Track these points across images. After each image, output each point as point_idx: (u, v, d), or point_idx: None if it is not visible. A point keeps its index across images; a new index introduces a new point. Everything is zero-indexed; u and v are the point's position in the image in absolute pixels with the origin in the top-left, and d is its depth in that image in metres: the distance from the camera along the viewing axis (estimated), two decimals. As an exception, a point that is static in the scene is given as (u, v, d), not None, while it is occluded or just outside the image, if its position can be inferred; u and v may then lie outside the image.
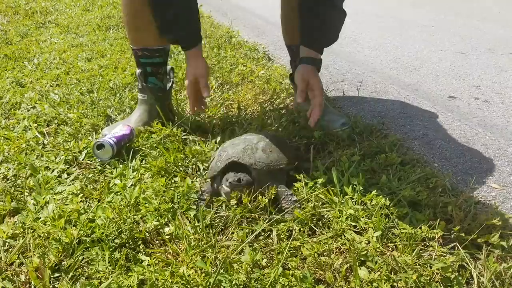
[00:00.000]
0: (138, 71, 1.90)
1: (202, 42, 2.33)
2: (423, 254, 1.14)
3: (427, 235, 1.18)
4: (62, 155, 1.66)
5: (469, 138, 1.86)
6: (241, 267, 1.09)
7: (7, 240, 1.24)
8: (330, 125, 1.84)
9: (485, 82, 2.53)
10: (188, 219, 1.30)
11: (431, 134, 1.90)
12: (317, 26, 1.67)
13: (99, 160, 1.64)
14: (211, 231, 1.24)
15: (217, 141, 1.72)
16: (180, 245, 1.21)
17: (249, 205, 1.29)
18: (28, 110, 2.08)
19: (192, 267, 1.11)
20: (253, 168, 1.36)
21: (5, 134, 1.83)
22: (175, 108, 2.04)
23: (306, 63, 1.67)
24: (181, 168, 1.58)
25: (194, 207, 1.35)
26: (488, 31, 3.73)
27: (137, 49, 1.86)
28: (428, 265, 1.09)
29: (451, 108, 2.18)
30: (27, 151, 1.72)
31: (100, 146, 1.62)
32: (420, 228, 1.20)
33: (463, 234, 1.19)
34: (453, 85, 2.49)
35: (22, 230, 1.28)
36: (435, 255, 1.13)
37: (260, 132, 1.62)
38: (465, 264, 1.11)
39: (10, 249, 1.20)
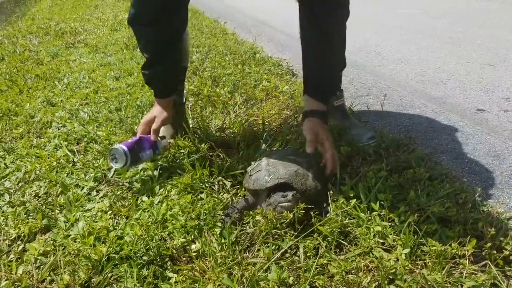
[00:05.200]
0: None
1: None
2: (453, 272, 1.12)
3: (457, 252, 1.16)
4: (91, 173, 1.70)
5: (498, 151, 1.83)
6: (268, 285, 1.09)
7: (39, 257, 1.27)
8: (357, 139, 1.84)
9: (514, 94, 2.48)
10: (214, 236, 1.31)
11: (460, 148, 1.87)
12: (321, 76, 1.67)
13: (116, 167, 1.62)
14: (237, 248, 1.25)
15: (242, 156, 1.73)
16: (207, 262, 1.21)
17: (274, 221, 1.29)
18: (58, 129, 2.14)
19: (218, 285, 1.11)
20: (303, 194, 1.37)
21: (37, 153, 1.89)
22: (200, 124, 2.07)
23: (312, 116, 1.65)
24: (207, 185, 1.59)
25: (220, 224, 1.36)
26: (517, 42, 3.67)
27: None
28: (458, 283, 1.07)
29: (479, 121, 2.14)
30: (58, 169, 1.76)
31: (114, 157, 1.61)
32: (450, 245, 1.18)
33: (494, 251, 1.16)
34: (481, 98, 2.45)
35: (53, 247, 1.30)
36: (466, 273, 1.11)
37: (302, 153, 1.61)
38: (497, 283, 1.08)
39: (42, 266, 1.23)
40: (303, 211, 1.28)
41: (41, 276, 1.19)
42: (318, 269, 1.16)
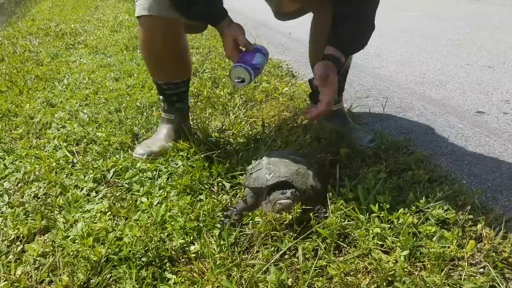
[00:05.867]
0: (161, 97, 1.93)
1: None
2: (452, 274, 1.12)
3: (456, 254, 1.16)
4: (91, 174, 1.69)
5: (498, 154, 1.83)
6: (267, 287, 1.09)
7: (38, 258, 1.27)
8: (357, 142, 1.84)
9: (514, 96, 2.48)
10: (213, 238, 1.31)
11: (459, 150, 1.87)
12: (348, 32, 1.64)
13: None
14: (236, 250, 1.25)
15: (241, 158, 1.73)
16: (206, 264, 1.21)
17: (274, 222, 1.29)
18: (58, 130, 2.14)
19: (217, 286, 1.11)
20: (303, 193, 1.37)
21: (36, 154, 1.88)
22: (200, 126, 2.08)
23: (329, 60, 1.59)
24: (206, 186, 1.59)
25: (219, 226, 1.36)
26: (516, 44, 3.67)
27: (161, 83, 1.89)
28: (457, 285, 1.07)
29: (479, 124, 2.14)
30: (57, 170, 1.76)
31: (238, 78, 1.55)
32: (449, 247, 1.18)
33: (493, 254, 1.16)
34: (481, 100, 2.45)
35: (52, 248, 1.30)
36: (464, 275, 1.11)
37: (303, 155, 1.62)
38: (496, 285, 1.08)
39: (41, 267, 1.23)
40: (300, 210, 1.29)
41: (40, 277, 1.19)
42: (317, 271, 1.16)
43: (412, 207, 1.36)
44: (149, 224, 1.36)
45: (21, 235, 1.38)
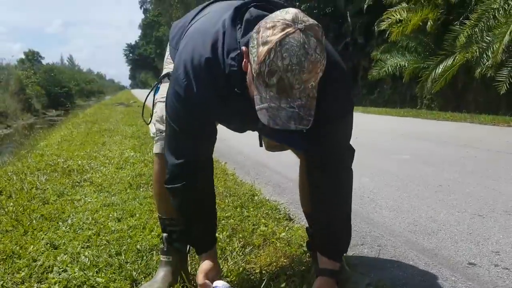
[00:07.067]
0: (164, 234, 2.04)
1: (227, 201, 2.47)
2: None
3: None
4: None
5: (491, 312, 1.86)
6: None
7: None
8: (354, 286, 1.89)
9: (504, 247, 2.56)
10: None
11: (453, 306, 1.90)
12: (330, 231, 1.81)
13: None
14: None
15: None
16: None
17: None
18: (59, 274, 2.17)
19: None
20: None
21: (37, 302, 1.91)
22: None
23: (323, 275, 1.75)
24: None
25: None
26: (504, 191, 3.84)
27: (165, 218, 2.02)
28: None
29: (471, 277, 2.19)
30: (57, 319, 1.77)
31: None
32: None
33: None
34: (472, 251, 2.53)
35: None
36: None
37: None
38: None
39: None
40: None
41: None
42: None
43: None
44: None
45: None
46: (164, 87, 1.96)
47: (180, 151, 1.74)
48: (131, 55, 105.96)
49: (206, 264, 1.79)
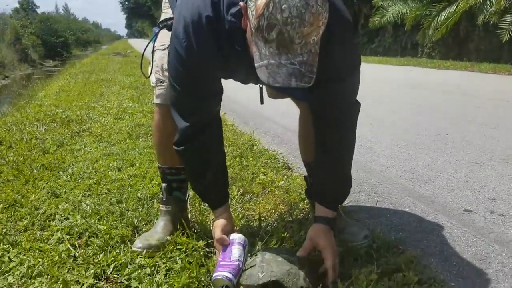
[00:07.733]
0: (163, 185, 2.06)
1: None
2: None
3: None
4: (91, 269, 1.75)
5: (485, 255, 1.90)
6: None
7: None
8: (351, 238, 1.92)
9: (500, 195, 2.59)
10: None
11: (448, 250, 1.95)
12: (330, 183, 1.81)
13: None
14: None
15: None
16: None
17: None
18: (61, 221, 2.21)
19: None
20: None
21: (40, 247, 1.95)
22: (198, 219, 2.16)
23: (320, 222, 1.76)
24: (203, 284, 1.64)
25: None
26: (503, 140, 3.85)
27: (165, 167, 2.03)
28: None
29: (467, 223, 2.23)
30: (60, 264, 1.81)
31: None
32: None
33: None
34: (469, 198, 2.56)
35: None
36: None
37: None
38: None
39: None
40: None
41: None
42: None
43: (402, 311, 1.42)
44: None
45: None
46: (162, 34, 1.92)
47: (187, 113, 1.72)
48: (127, 3, 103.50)
49: (221, 219, 1.82)
